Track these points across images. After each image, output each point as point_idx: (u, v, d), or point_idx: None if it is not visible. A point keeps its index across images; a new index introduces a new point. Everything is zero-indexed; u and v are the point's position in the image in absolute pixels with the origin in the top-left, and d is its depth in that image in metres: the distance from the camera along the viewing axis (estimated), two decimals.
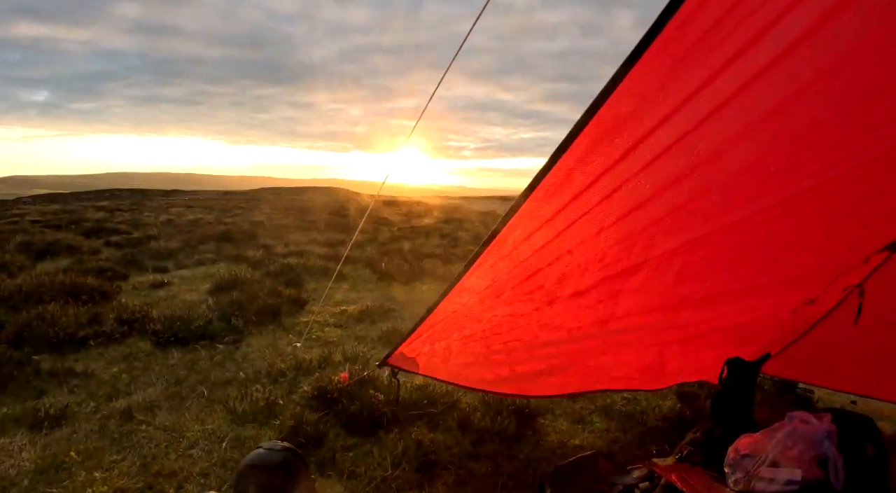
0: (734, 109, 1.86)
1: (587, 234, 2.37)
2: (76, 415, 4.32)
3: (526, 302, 2.94)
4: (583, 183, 2.06)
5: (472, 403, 4.54)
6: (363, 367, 5.10)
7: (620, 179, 2.07)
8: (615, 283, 2.90)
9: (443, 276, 10.18)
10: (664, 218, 2.39)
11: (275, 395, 4.61)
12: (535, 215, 2.20)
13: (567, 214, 2.20)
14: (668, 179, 2.16)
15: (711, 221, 2.55)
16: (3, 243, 12.48)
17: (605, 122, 1.82)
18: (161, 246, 12.79)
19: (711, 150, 2.03)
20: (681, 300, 3.28)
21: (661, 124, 1.88)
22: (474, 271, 2.54)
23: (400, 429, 4.10)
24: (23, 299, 7.17)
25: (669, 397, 4.81)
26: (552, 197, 2.10)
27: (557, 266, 2.59)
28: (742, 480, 3.06)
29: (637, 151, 1.97)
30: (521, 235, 2.31)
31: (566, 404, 4.70)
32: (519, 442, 4.02)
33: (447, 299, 2.77)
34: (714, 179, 2.24)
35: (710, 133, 1.96)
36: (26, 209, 26.72)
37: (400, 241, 14.99)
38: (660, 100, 1.83)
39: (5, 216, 21.11)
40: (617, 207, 2.26)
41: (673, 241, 2.59)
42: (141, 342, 6.10)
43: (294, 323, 7.07)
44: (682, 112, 1.85)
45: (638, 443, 4.07)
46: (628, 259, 2.68)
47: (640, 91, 1.78)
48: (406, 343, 3.46)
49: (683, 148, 2.00)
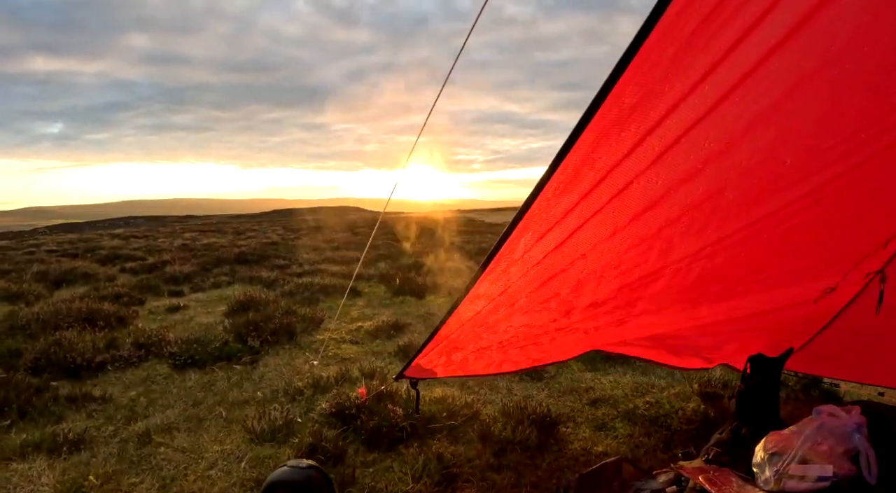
0: (741, 96, 1.80)
1: (601, 235, 2.30)
2: (95, 439, 4.31)
3: (542, 312, 2.87)
4: (592, 180, 2.00)
5: (492, 413, 4.48)
6: (380, 382, 5.06)
7: (630, 175, 2.01)
8: (634, 291, 2.82)
9: (458, 288, 10.10)
10: (680, 218, 2.31)
11: (293, 413, 4.58)
12: (545, 215, 2.13)
13: (578, 213, 2.13)
14: (681, 174, 2.09)
15: (729, 221, 2.46)
16: (20, 273, 12.61)
17: (611, 114, 1.77)
18: (176, 270, 12.85)
19: (722, 142, 1.96)
20: (698, 295, 3.21)
21: (667, 115, 1.82)
22: (486, 277, 2.47)
23: (420, 443, 4.05)
24: (41, 326, 7.22)
25: (692, 398, 4.73)
26: (562, 195, 2.04)
27: (572, 272, 2.52)
28: (772, 479, 2.97)
29: (645, 144, 1.90)
30: (533, 238, 2.25)
31: (588, 410, 4.65)
32: (542, 451, 3.95)
33: (462, 307, 2.72)
34: (728, 174, 2.17)
35: (720, 124, 1.89)
36: (43, 239, 27.02)
37: (413, 256, 14.98)
38: (665, 90, 1.77)
39: (22, 247, 21.36)
40: (629, 205, 2.19)
41: (691, 244, 2.52)
42: (158, 366, 6.11)
43: (310, 341, 7.05)
44: (688, 102, 1.79)
45: (663, 447, 3.99)
46: (646, 265, 2.60)
47: (644, 81, 1.72)
48: (422, 355, 3.41)
49: (693, 140, 1.93)
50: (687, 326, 3.67)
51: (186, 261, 14.80)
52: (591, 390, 5.13)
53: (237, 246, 19.02)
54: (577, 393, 5.07)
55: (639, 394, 4.98)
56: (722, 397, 4.69)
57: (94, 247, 19.85)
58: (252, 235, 25.52)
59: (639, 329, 3.47)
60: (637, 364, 5.79)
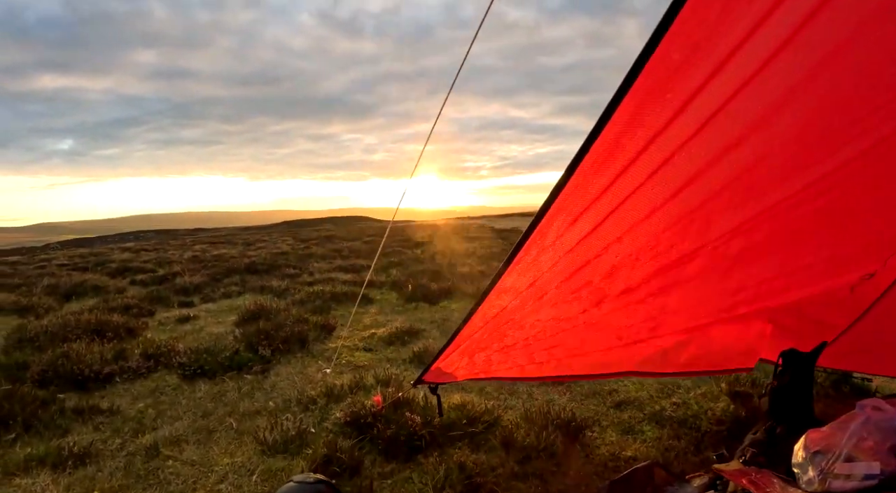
0: (793, 52, 1.61)
1: (638, 215, 2.11)
2: (101, 453, 4.15)
3: (572, 303, 2.68)
4: (632, 151, 1.80)
5: (514, 419, 4.30)
6: (396, 389, 4.88)
7: (674, 145, 1.81)
8: (668, 275, 2.62)
9: (470, 293, 9.96)
10: (721, 192, 2.11)
11: (306, 423, 4.40)
12: (580, 194, 1.94)
13: (615, 191, 1.94)
14: (725, 142, 1.89)
15: (769, 194, 2.25)
16: (31, 287, 12.54)
17: (657, 73, 1.59)
18: (186, 281, 12.73)
19: (770, 104, 1.76)
20: (736, 288, 3.00)
21: (715, 75, 1.62)
22: (514, 267, 2.29)
23: (440, 452, 3.86)
24: (49, 338, 7.10)
25: (721, 398, 4.56)
26: (599, 171, 1.85)
27: (606, 257, 2.33)
28: (816, 479, 2.78)
29: (691, 108, 1.70)
30: (566, 221, 2.06)
31: (613, 414, 4.46)
32: (568, 458, 3.76)
33: (486, 303, 2.54)
34: (773, 141, 1.96)
35: (771, 83, 1.71)
36: (54, 254, 27.07)
37: (424, 262, 14.82)
38: (712, 46, 1.59)
39: (34, 262, 21.35)
40: (669, 180, 1.99)
41: (730, 219, 2.31)
42: (167, 376, 5.95)
43: (323, 349, 6.88)
44: (736, 60, 1.60)
45: (693, 450, 3.82)
46: (682, 244, 2.40)
47: (692, 34, 1.55)
48: (442, 358, 3.22)
49: (740, 104, 1.73)
50: (721, 319, 3.47)
51: (196, 272, 14.68)
52: (615, 392, 4.94)
53: (247, 256, 18.90)
54: (601, 396, 4.87)
55: (664, 395, 4.79)
56: (751, 396, 4.50)
57: (104, 260, 19.80)
58: (262, 246, 25.41)
59: (672, 327, 3.26)
60: None
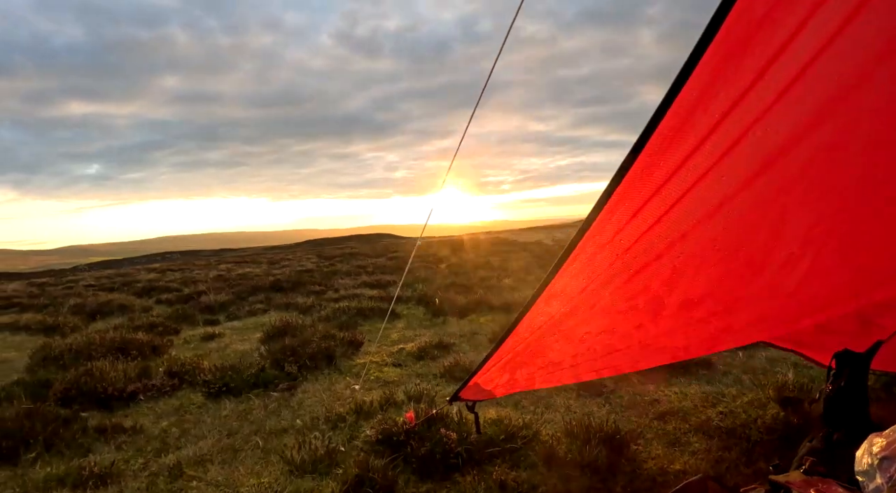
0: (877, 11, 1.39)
1: (707, 207, 1.83)
2: (123, 473, 3.99)
3: (626, 313, 2.43)
4: (706, 126, 1.56)
5: (554, 434, 4.06)
6: (429, 405, 4.65)
7: (751, 117, 1.56)
8: (734, 287, 2.34)
9: (498, 306, 9.71)
10: (800, 180, 1.83)
11: (335, 441, 4.19)
12: (645, 179, 1.68)
13: (683, 175, 1.67)
14: (810, 114, 1.60)
15: (853, 186, 1.95)
16: (57, 307, 12.56)
17: (736, 33, 1.37)
18: (212, 300, 12.67)
19: (865, 62, 1.52)
20: (805, 302, 2.68)
21: (799, 30, 1.40)
22: (567, 268, 2.03)
23: (478, 470, 3.63)
24: (73, 357, 7.02)
25: (770, 405, 4.31)
26: (667, 150, 1.60)
27: (667, 259, 2.05)
28: (885, 486, 2.51)
29: (772, 72, 1.46)
30: (626, 213, 1.81)
31: (656, 425, 4.22)
32: (614, 474, 3.51)
33: (534, 309, 2.29)
34: (860, 116, 1.69)
35: (860, 41, 1.47)
36: (81, 276, 27.32)
37: (450, 276, 14.61)
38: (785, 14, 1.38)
39: (61, 283, 21.53)
40: (743, 163, 1.72)
41: (809, 215, 2.00)
42: (192, 394, 5.80)
43: (350, 366, 6.69)
44: (824, 10, 1.38)
45: (745, 461, 3.57)
46: (752, 246, 2.13)
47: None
48: (481, 373, 2.99)
49: (830, 63, 1.48)
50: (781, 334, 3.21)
51: (221, 290, 14.62)
52: (657, 402, 4.68)
53: (272, 274, 18.84)
54: (642, 407, 4.62)
55: (709, 404, 4.53)
56: (801, 402, 4.24)
57: (130, 281, 19.90)
58: (286, 264, 25.39)
59: (730, 345, 3.00)
60: (701, 373, 5.37)
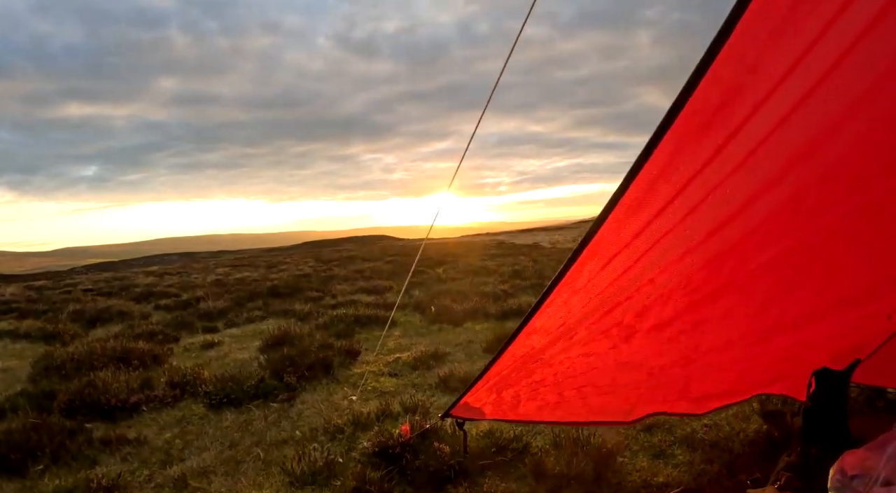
0: (827, 89, 1.57)
1: (671, 257, 2.05)
2: (129, 485, 4.14)
3: (601, 340, 2.63)
4: (668, 194, 1.77)
5: (544, 446, 4.21)
6: (423, 418, 4.81)
7: (710, 185, 1.77)
8: (700, 310, 2.56)
9: (494, 314, 9.86)
10: (758, 229, 2.06)
11: (334, 453, 4.35)
12: (613, 238, 1.90)
13: (649, 234, 1.90)
14: (764, 179, 1.85)
15: (806, 226, 2.19)
16: (56, 313, 12.67)
17: (695, 117, 1.55)
18: (210, 306, 12.78)
19: (819, 131, 1.71)
20: (770, 325, 2.91)
21: (755, 112, 1.59)
22: (545, 310, 2.24)
23: (469, 482, 3.79)
24: (75, 366, 7.14)
25: (753, 418, 4.44)
26: (633, 215, 1.81)
27: (638, 298, 2.27)
28: None
29: (730, 148, 1.67)
30: (598, 264, 2.01)
31: (643, 437, 4.34)
32: (600, 486, 3.67)
33: (516, 342, 2.48)
34: (811, 173, 1.90)
35: (810, 117, 1.66)
36: (79, 279, 27.41)
37: (446, 282, 14.75)
38: (752, 82, 1.55)
39: (59, 287, 21.62)
40: (706, 219, 1.95)
41: (766, 253, 2.25)
42: (194, 405, 5.95)
43: (348, 375, 6.84)
44: (778, 93, 1.56)
45: (727, 473, 3.70)
46: (717, 280, 2.35)
47: (730, 76, 1.51)
48: (471, 393, 3.16)
49: (781, 138, 1.69)
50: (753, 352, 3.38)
51: (220, 296, 14.73)
52: None
53: (270, 280, 18.96)
54: None
55: (695, 417, 4.66)
56: (784, 415, 4.36)
57: (128, 285, 20.00)
58: (284, 268, 25.51)
59: (704, 369, 3.18)
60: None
